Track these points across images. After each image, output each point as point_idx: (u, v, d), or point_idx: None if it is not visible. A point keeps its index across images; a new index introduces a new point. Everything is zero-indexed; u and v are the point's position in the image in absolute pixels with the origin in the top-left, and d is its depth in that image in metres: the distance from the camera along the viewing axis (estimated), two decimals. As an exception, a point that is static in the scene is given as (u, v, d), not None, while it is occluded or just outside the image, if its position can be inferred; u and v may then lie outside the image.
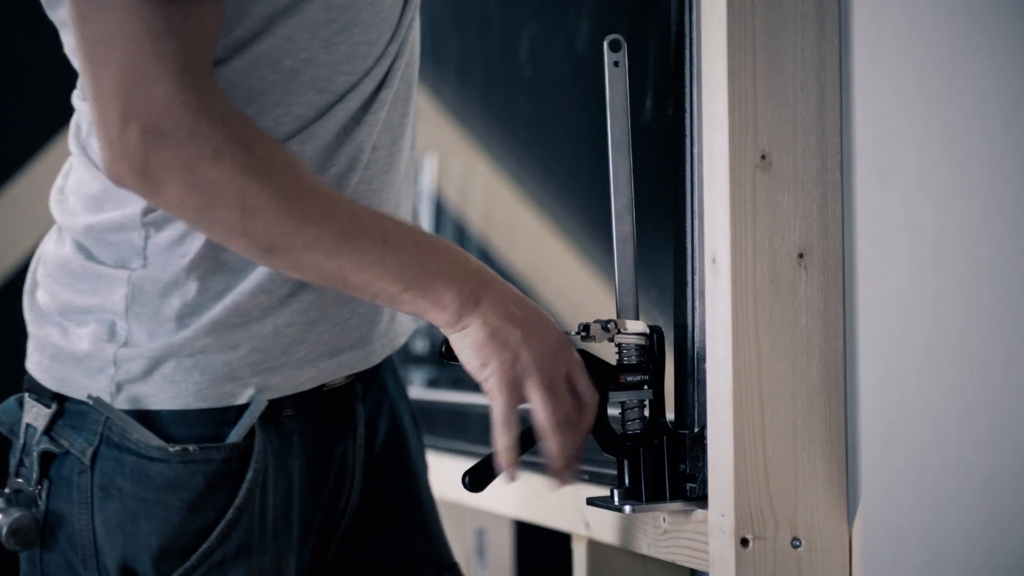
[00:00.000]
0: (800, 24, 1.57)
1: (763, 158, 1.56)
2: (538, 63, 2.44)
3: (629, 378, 1.62)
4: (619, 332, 1.62)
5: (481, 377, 1.53)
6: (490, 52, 2.66)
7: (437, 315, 1.51)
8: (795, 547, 1.56)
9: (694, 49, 1.63)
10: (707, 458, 1.60)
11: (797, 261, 1.56)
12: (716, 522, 1.58)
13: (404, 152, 1.60)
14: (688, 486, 1.63)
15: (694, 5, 1.63)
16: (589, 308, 2.32)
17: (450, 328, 1.52)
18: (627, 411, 1.63)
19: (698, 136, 1.63)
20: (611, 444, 1.62)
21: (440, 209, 2.81)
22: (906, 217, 1.51)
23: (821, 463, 1.56)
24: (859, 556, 1.55)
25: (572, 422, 1.55)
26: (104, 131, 1.40)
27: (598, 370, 1.60)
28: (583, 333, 1.61)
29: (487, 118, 2.69)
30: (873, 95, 1.54)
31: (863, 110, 1.55)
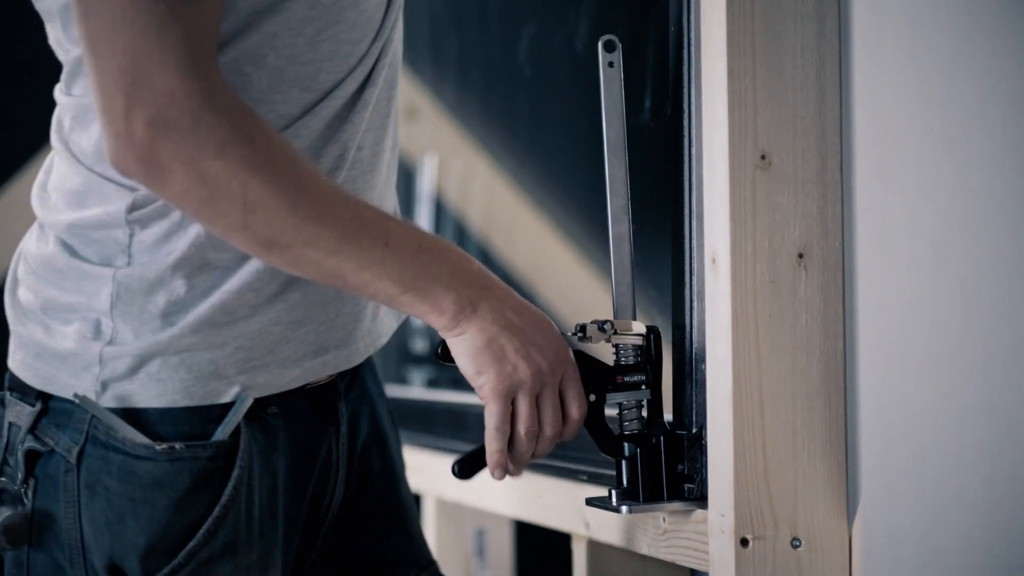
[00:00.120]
0: (800, 24, 1.57)
1: (763, 158, 1.56)
2: (538, 63, 2.44)
3: (627, 379, 1.62)
4: (616, 333, 1.62)
5: (476, 384, 1.53)
6: (490, 52, 2.65)
7: (435, 319, 1.50)
8: (795, 547, 1.55)
9: (693, 49, 1.63)
10: (705, 458, 1.60)
11: (797, 261, 1.56)
12: (716, 522, 1.57)
13: (386, 152, 1.60)
14: (686, 486, 1.63)
15: (693, 5, 1.63)
16: (589, 308, 2.32)
17: (447, 332, 1.52)
18: (625, 411, 1.63)
19: (697, 136, 1.62)
20: (609, 445, 1.62)
21: (440, 209, 2.80)
22: (906, 217, 1.51)
23: (821, 463, 1.56)
24: (859, 556, 1.55)
25: (550, 436, 1.55)
26: (109, 121, 1.39)
27: (595, 371, 1.60)
28: (580, 334, 1.61)
29: (487, 118, 2.69)
30: (873, 95, 1.54)
31: (863, 110, 1.55)
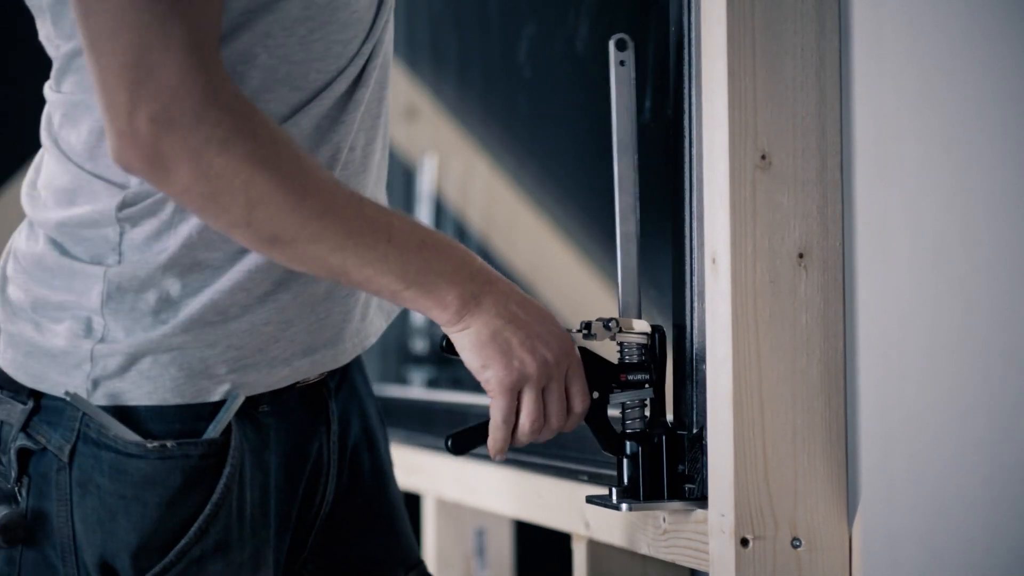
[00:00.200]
0: (800, 24, 1.57)
1: (763, 158, 1.56)
2: (538, 63, 2.44)
3: (630, 377, 1.62)
4: (621, 331, 1.62)
5: (482, 377, 1.53)
6: (490, 52, 2.65)
7: (439, 314, 1.51)
8: (795, 547, 1.55)
9: (693, 49, 1.63)
10: (706, 459, 1.60)
11: (797, 261, 1.56)
12: (716, 522, 1.57)
13: (377, 153, 1.60)
14: (687, 487, 1.63)
15: (693, 5, 1.63)
16: (589, 308, 2.32)
17: (451, 327, 1.52)
18: (627, 410, 1.63)
19: (697, 136, 1.62)
20: (611, 442, 1.62)
21: (440, 209, 2.81)
22: (906, 217, 1.51)
23: (821, 463, 1.56)
24: (859, 556, 1.55)
25: (555, 428, 1.56)
26: (112, 118, 1.39)
27: (599, 369, 1.60)
28: (585, 331, 1.61)
29: (487, 118, 2.69)
30: (873, 95, 1.54)
31: (863, 110, 1.55)
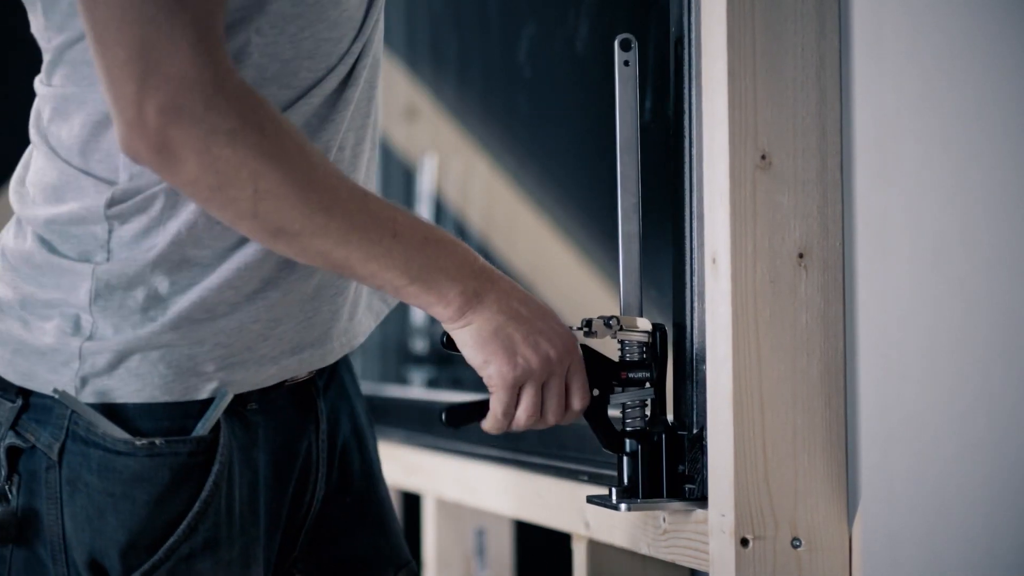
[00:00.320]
0: (800, 24, 1.57)
1: (763, 158, 1.56)
2: (538, 63, 2.44)
3: (631, 375, 1.62)
4: (622, 329, 1.62)
5: (484, 374, 1.54)
6: (490, 52, 2.65)
7: (441, 310, 1.51)
8: (795, 547, 1.55)
9: (694, 49, 1.63)
10: (706, 459, 1.60)
11: (797, 261, 1.56)
12: (716, 522, 1.57)
13: (366, 153, 1.60)
14: (687, 487, 1.63)
15: (694, 5, 1.63)
16: (588, 308, 2.32)
17: (452, 323, 1.52)
18: (628, 408, 1.63)
19: (697, 136, 1.63)
20: (611, 440, 1.62)
21: (440, 209, 2.81)
22: (906, 217, 1.51)
23: (821, 463, 1.56)
24: (859, 556, 1.55)
25: (551, 423, 1.56)
26: (120, 110, 1.39)
27: (600, 366, 1.60)
28: (585, 328, 1.61)
29: (487, 118, 2.69)
30: (873, 95, 1.54)
31: (863, 110, 1.55)
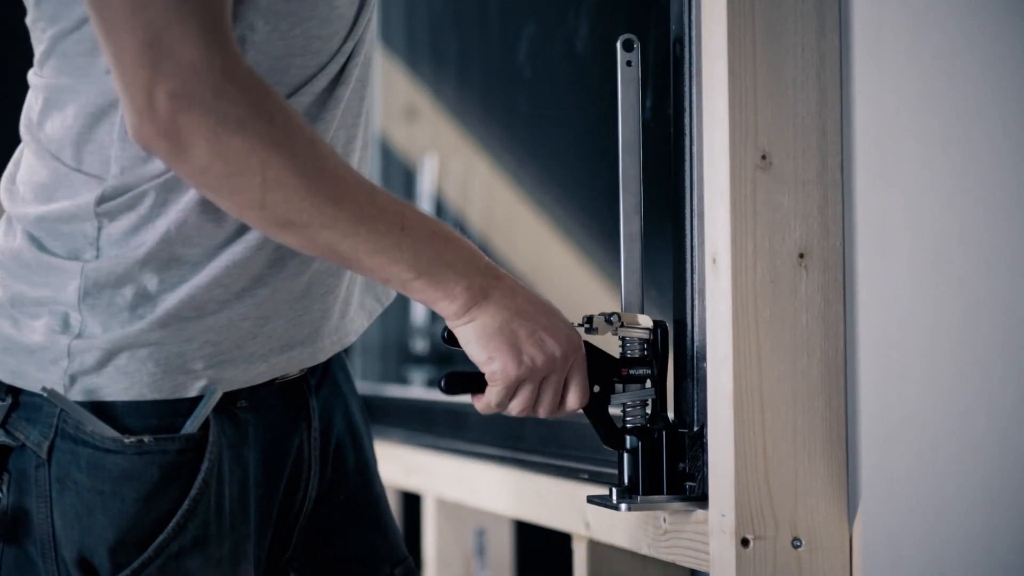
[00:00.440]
0: (800, 24, 1.57)
1: (763, 158, 1.56)
2: (538, 63, 2.44)
3: (632, 371, 1.62)
4: (623, 325, 1.62)
5: (487, 370, 1.54)
6: (490, 52, 2.65)
7: (446, 305, 1.51)
8: (795, 547, 1.56)
9: (694, 48, 1.64)
10: (706, 457, 1.60)
11: (797, 261, 1.56)
12: (716, 522, 1.58)
13: (357, 152, 1.60)
14: (687, 485, 1.63)
15: (694, 5, 1.63)
16: (588, 307, 2.31)
17: (457, 319, 1.52)
18: (629, 405, 1.63)
19: (697, 136, 1.63)
20: (611, 437, 1.62)
21: (440, 209, 2.81)
22: (906, 217, 1.51)
23: (821, 463, 1.56)
24: (859, 556, 1.55)
25: (542, 417, 1.57)
26: (131, 97, 1.39)
27: (601, 363, 1.60)
28: (587, 324, 1.61)
29: (487, 118, 2.69)
30: (873, 95, 1.54)
31: (863, 110, 1.55)
